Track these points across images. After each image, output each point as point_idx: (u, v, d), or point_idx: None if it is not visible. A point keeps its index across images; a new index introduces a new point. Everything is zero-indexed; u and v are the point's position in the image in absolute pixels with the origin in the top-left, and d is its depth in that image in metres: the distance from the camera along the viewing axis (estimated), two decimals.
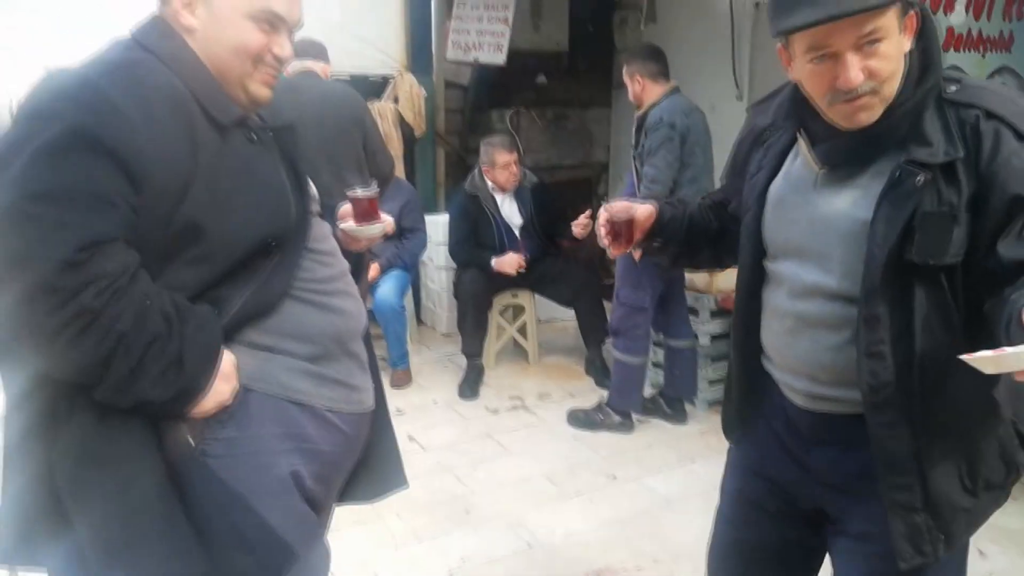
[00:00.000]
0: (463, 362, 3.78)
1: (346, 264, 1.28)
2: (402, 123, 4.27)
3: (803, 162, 1.16)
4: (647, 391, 3.32)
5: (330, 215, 1.35)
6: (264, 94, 1.15)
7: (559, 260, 3.85)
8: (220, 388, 1.05)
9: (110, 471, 1.00)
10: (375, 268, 3.67)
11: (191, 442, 1.05)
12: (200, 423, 1.06)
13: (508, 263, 3.69)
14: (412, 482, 1.41)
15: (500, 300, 3.90)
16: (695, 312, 3.35)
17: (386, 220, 1.39)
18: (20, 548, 1.04)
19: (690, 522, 2.40)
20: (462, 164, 4.82)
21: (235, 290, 1.08)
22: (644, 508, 2.62)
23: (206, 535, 1.03)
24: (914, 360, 1.04)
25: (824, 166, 1.12)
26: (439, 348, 4.25)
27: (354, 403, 1.22)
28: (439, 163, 4.69)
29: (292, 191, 1.16)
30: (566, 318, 4.19)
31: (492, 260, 3.70)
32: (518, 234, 3.81)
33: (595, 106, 5.40)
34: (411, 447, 3.03)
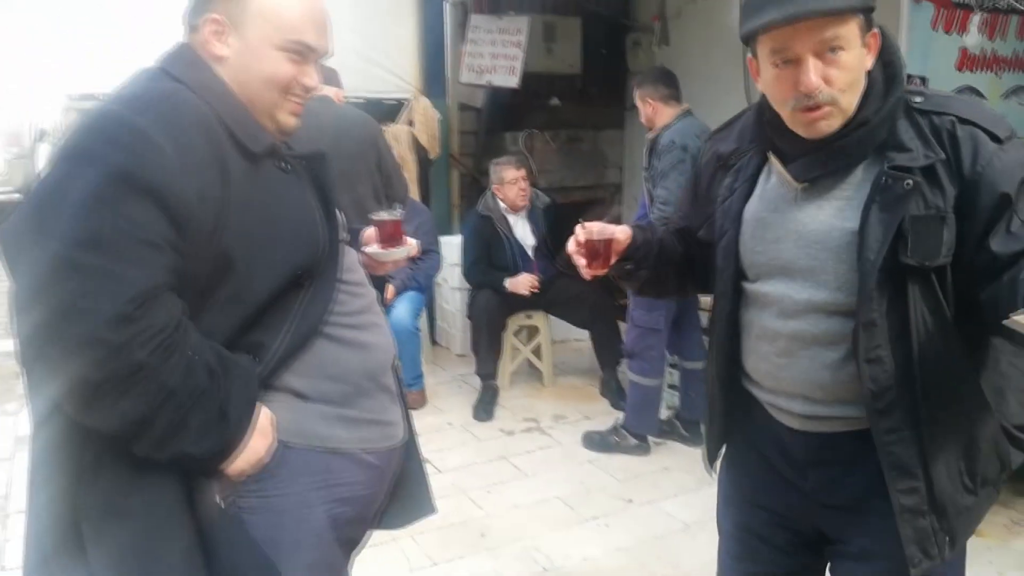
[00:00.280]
0: (478, 383, 3.78)
1: (374, 293, 1.27)
2: (417, 146, 4.31)
3: (778, 181, 1.18)
4: (663, 413, 3.30)
5: (353, 240, 1.34)
6: (292, 123, 1.14)
7: (573, 281, 3.85)
8: (256, 445, 1.03)
9: (135, 527, 0.98)
10: (390, 290, 3.68)
11: (221, 503, 1.02)
12: (234, 481, 1.04)
13: (522, 284, 3.70)
14: None
15: (514, 321, 3.91)
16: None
17: (411, 243, 1.38)
18: (41, 570, 1.03)
19: (707, 548, 2.33)
20: (476, 186, 4.84)
21: (270, 334, 1.06)
22: (660, 533, 2.59)
23: None
24: (913, 361, 1.06)
25: (803, 181, 1.13)
26: (453, 369, 4.25)
27: (388, 439, 1.21)
28: (453, 185, 4.73)
29: (323, 221, 1.14)
30: (580, 339, 4.18)
31: (506, 281, 3.71)
32: (531, 255, 3.82)
33: (608, 128, 5.43)
34: (426, 469, 3.01)
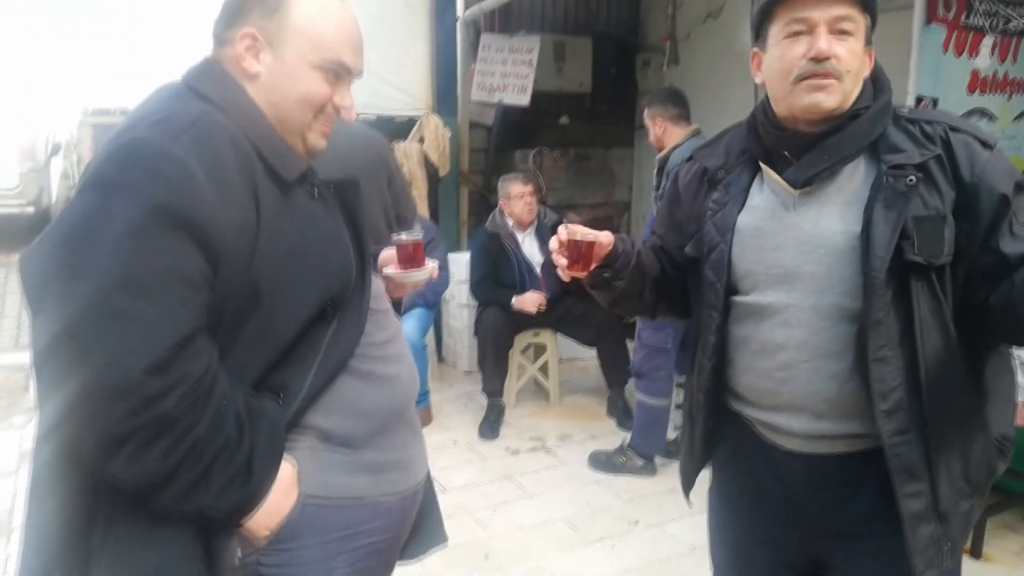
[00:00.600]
0: (484, 401, 3.76)
1: (398, 323, 1.23)
2: (426, 162, 4.33)
3: (771, 190, 1.19)
4: (670, 433, 3.27)
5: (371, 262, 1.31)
6: (321, 144, 1.10)
7: (580, 299, 3.84)
8: (280, 502, 0.98)
9: None
10: None
11: (241, 560, 0.98)
12: (255, 538, 0.99)
13: (529, 301, 3.69)
14: None
15: (521, 339, 3.90)
16: None
17: (430, 264, 1.35)
18: None
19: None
20: (485, 203, 4.86)
21: (297, 374, 1.01)
22: (666, 556, 2.56)
23: None
24: (917, 361, 1.08)
25: (800, 187, 1.15)
26: (460, 386, 4.24)
27: (410, 480, 1.18)
28: (462, 202, 4.74)
29: (354, 250, 1.10)
30: (587, 357, 4.16)
31: (513, 298, 3.71)
32: (539, 272, 3.82)
33: (617, 146, 5.45)
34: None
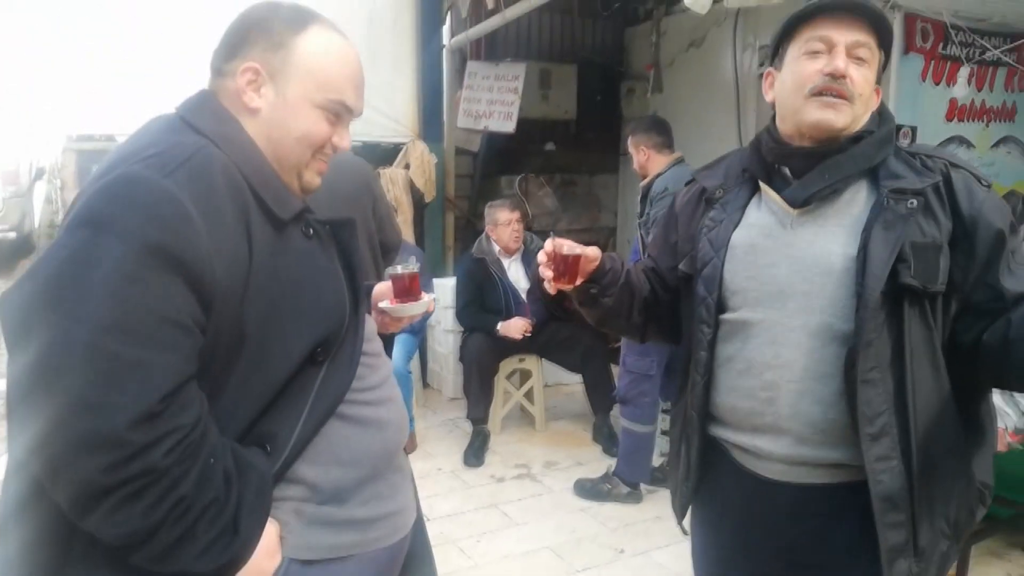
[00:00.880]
0: (469, 427, 3.73)
1: (390, 365, 1.20)
2: (412, 188, 4.34)
3: (769, 209, 1.21)
4: (656, 460, 3.26)
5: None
6: (316, 183, 1.08)
7: (565, 324, 3.84)
8: (263, 566, 0.93)
9: None
10: None
11: None
12: None
13: (514, 327, 3.68)
14: None
15: (507, 364, 3.88)
16: None
17: (427, 297, 1.33)
18: None
19: None
20: (471, 228, 4.87)
21: (285, 420, 0.97)
22: None
23: None
24: (905, 387, 1.08)
25: (799, 207, 1.16)
26: (445, 412, 4.20)
27: (400, 529, 1.14)
28: (448, 227, 4.75)
29: (348, 290, 1.07)
30: (573, 382, 4.15)
31: (498, 324, 3.70)
32: (525, 298, 3.81)
33: (602, 172, 5.49)
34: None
